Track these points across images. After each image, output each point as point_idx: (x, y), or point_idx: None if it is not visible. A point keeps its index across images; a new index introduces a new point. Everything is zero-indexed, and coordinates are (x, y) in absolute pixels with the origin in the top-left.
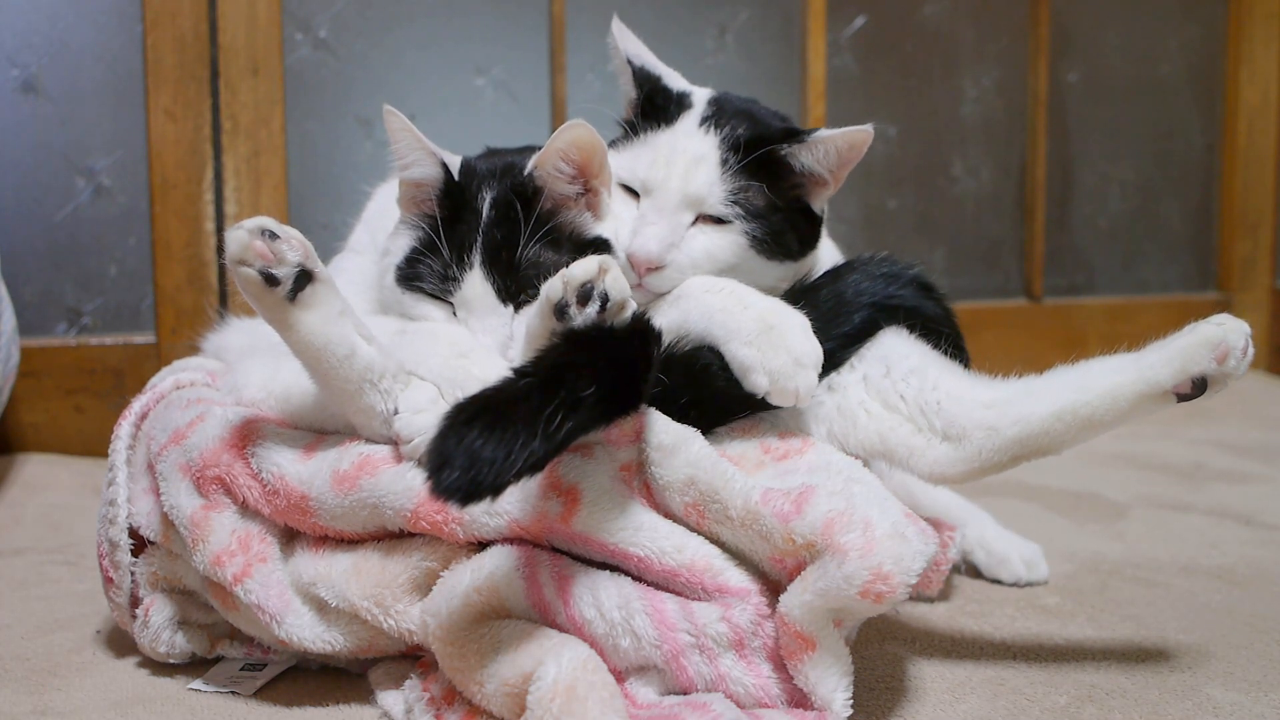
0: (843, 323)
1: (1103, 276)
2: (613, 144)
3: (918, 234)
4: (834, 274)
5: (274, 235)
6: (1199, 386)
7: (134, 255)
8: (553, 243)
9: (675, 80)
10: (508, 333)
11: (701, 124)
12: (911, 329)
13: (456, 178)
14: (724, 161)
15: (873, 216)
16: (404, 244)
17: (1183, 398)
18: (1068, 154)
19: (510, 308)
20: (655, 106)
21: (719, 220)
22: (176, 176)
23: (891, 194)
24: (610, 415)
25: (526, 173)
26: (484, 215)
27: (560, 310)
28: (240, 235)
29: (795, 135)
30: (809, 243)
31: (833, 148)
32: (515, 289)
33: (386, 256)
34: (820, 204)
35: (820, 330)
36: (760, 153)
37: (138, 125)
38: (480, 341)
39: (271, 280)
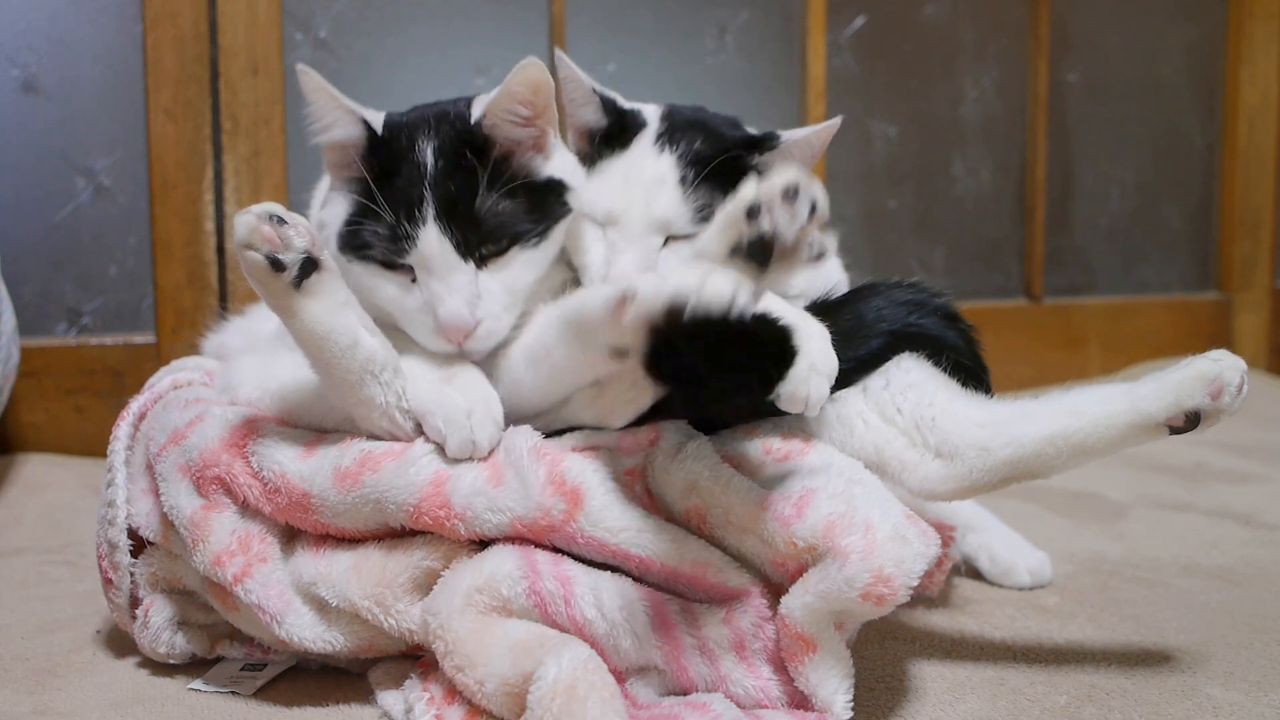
0: (859, 346)
1: (1103, 276)
2: None
3: (918, 234)
4: (857, 294)
5: (281, 220)
6: (1192, 420)
7: (134, 255)
8: (509, 191)
9: (623, 101)
10: (475, 291)
11: (656, 142)
12: (930, 358)
13: (380, 133)
14: (683, 179)
15: (873, 216)
16: (339, 212)
17: (1175, 430)
18: (1068, 154)
19: (472, 264)
20: (618, 129)
21: (689, 235)
22: (176, 176)
23: (891, 194)
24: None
25: (475, 120)
26: (429, 167)
27: (753, 212)
28: (248, 219)
29: (756, 144)
30: None
31: (808, 148)
32: (477, 241)
33: (324, 229)
34: None
35: (835, 349)
36: (718, 163)
37: (138, 125)
38: (448, 305)
39: (277, 265)
